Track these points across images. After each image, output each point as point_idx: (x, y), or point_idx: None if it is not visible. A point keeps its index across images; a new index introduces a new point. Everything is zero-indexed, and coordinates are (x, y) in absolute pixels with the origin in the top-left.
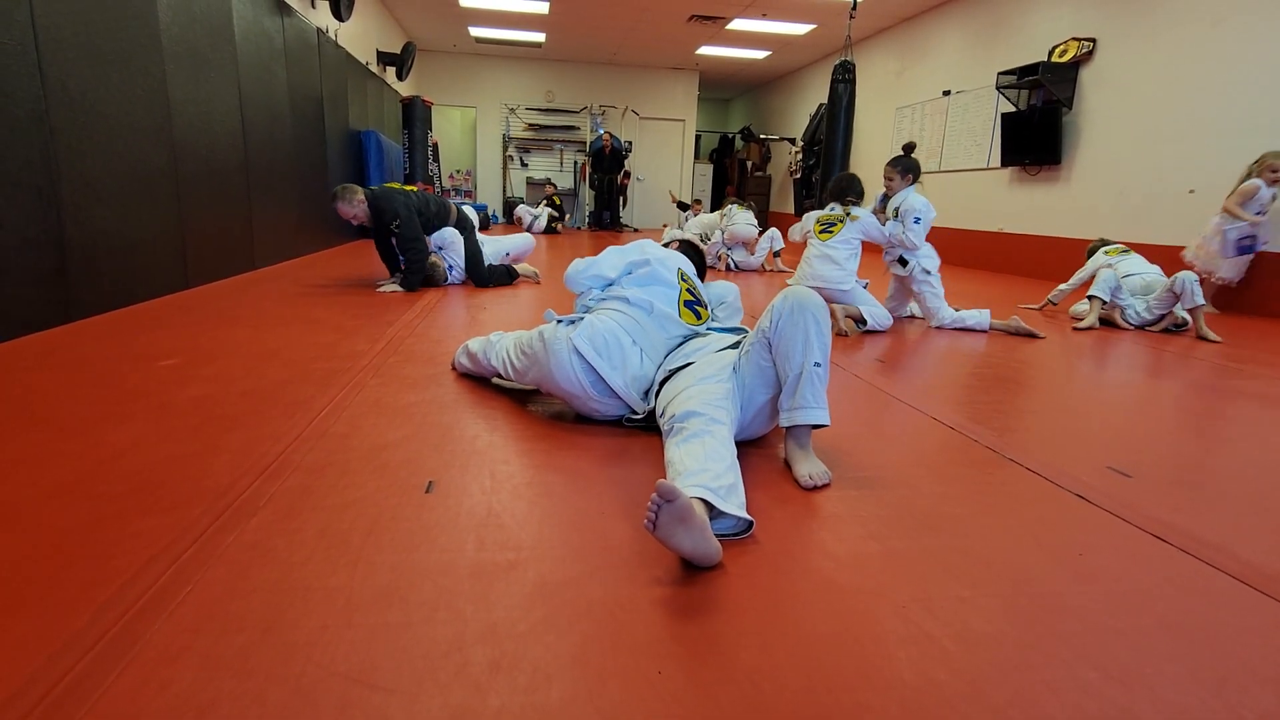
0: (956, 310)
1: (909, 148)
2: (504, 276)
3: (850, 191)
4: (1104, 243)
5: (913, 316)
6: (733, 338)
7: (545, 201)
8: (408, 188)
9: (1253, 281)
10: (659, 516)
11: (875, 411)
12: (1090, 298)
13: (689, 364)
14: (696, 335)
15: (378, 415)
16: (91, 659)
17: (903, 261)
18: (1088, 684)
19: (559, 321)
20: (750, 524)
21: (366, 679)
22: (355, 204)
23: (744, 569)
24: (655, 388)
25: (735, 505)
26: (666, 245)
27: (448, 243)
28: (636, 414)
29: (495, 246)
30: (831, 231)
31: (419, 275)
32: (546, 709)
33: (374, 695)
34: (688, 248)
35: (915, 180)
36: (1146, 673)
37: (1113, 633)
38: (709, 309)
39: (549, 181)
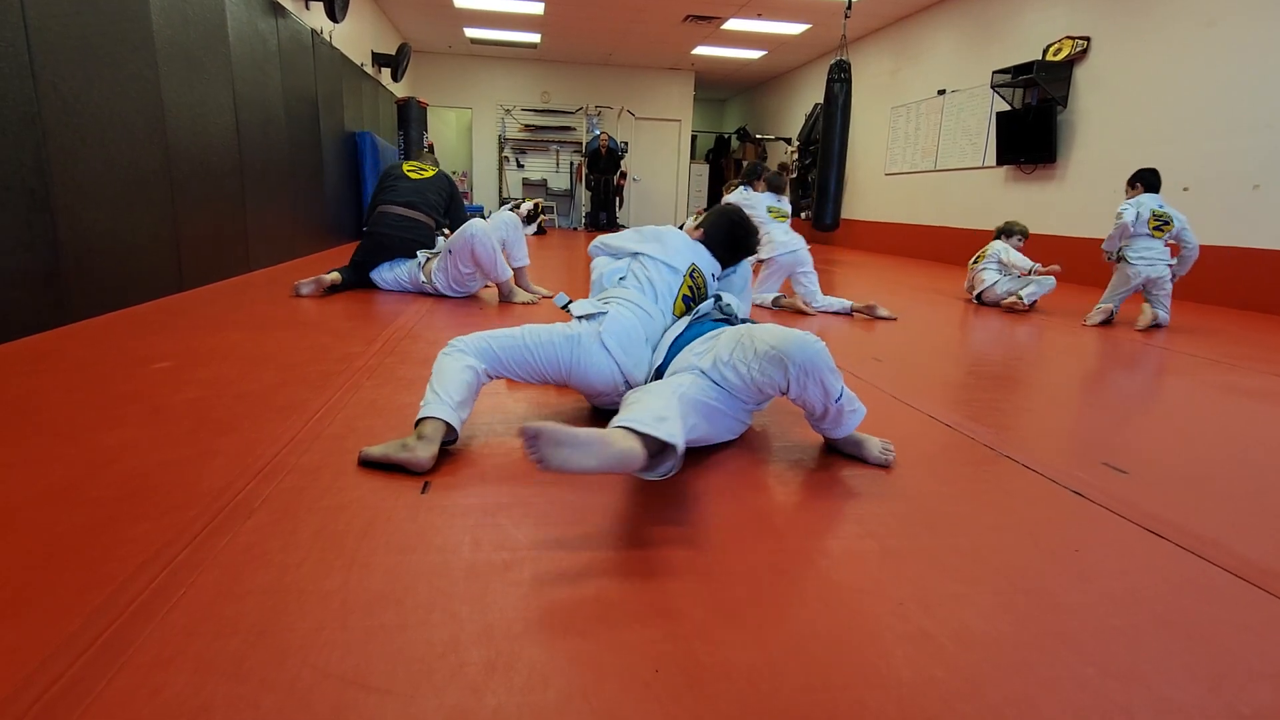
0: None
1: (783, 166)
2: None
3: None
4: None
5: (777, 299)
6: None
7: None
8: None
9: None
10: (540, 452)
11: (872, 409)
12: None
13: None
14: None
15: (373, 417)
16: (84, 664)
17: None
18: (1085, 681)
19: (578, 318)
20: (676, 449)
21: (362, 681)
22: None
23: (741, 567)
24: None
25: (653, 428)
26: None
27: None
28: None
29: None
30: None
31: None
32: (543, 709)
33: (370, 697)
34: (726, 230)
35: (767, 190)
36: (1144, 669)
37: (1110, 630)
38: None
39: (518, 200)
